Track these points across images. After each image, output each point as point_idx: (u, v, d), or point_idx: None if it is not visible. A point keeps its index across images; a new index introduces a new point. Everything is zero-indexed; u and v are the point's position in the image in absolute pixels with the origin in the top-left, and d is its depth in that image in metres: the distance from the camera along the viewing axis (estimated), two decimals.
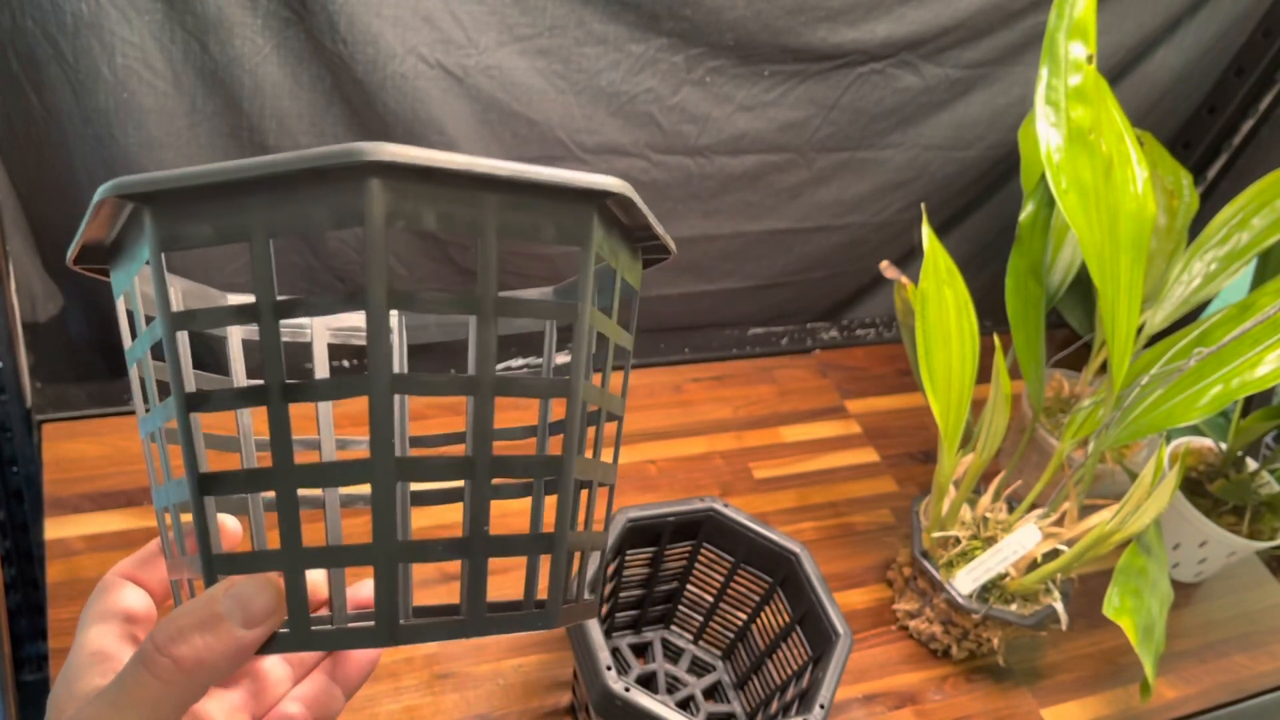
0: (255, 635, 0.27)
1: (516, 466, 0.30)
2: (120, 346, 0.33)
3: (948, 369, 0.71)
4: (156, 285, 0.28)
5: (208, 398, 0.29)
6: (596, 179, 0.28)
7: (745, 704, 0.72)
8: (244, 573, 0.28)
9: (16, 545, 0.87)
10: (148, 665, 0.26)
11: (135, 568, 0.33)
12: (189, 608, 0.27)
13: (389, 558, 0.27)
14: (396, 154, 0.25)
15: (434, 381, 0.28)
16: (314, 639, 0.29)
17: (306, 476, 0.28)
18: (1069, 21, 0.72)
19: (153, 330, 0.29)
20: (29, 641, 0.93)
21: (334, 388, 0.28)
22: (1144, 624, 0.67)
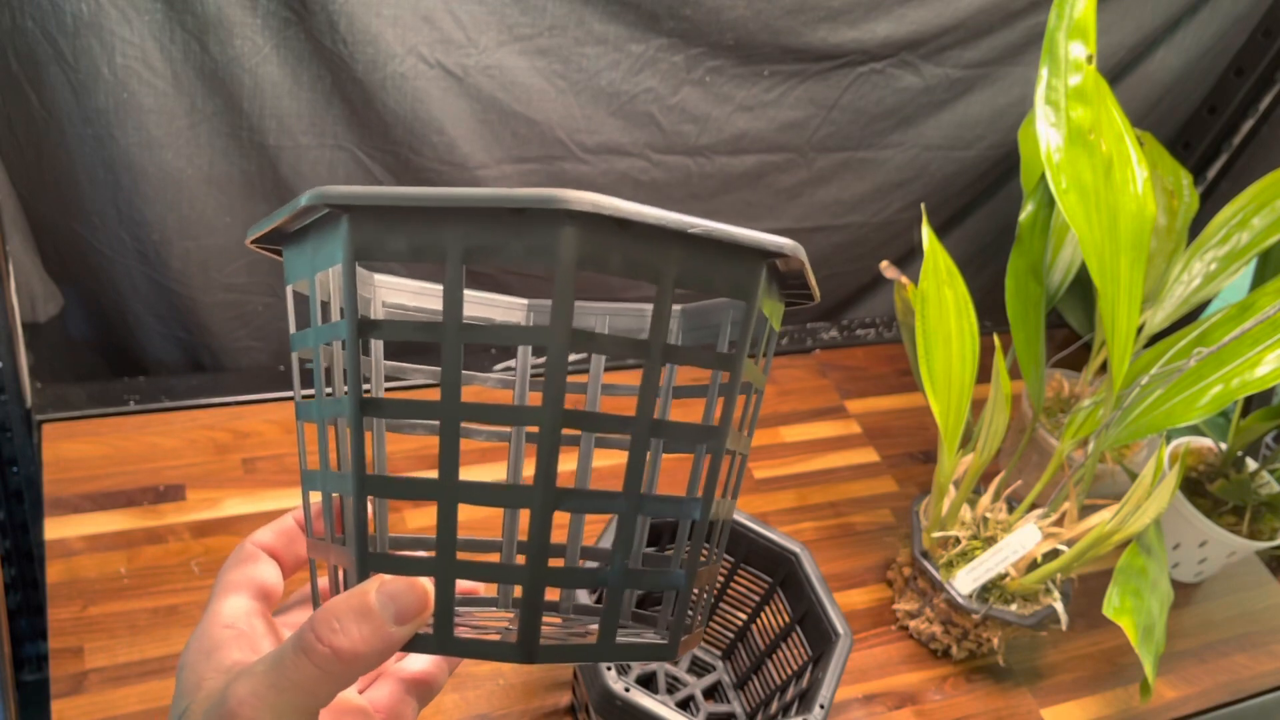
0: (404, 633, 0.28)
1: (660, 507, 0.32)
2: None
3: (948, 369, 0.71)
4: (346, 292, 0.29)
5: (382, 406, 0.30)
6: (773, 240, 0.29)
7: (745, 704, 0.72)
8: (397, 574, 0.29)
9: (16, 545, 0.87)
10: (308, 653, 0.28)
11: (273, 540, 0.35)
12: (345, 601, 0.28)
13: (538, 580, 0.29)
14: (596, 205, 0.26)
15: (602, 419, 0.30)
16: (455, 644, 0.30)
17: (468, 493, 0.29)
18: (1069, 21, 0.72)
19: (335, 329, 0.30)
20: (29, 641, 0.93)
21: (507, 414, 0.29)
22: (1144, 624, 0.67)
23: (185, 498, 0.77)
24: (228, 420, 0.83)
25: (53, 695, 0.63)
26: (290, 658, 0.28)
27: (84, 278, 0.84)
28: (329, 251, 0.30)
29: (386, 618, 0.28)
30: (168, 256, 0.83)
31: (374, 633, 0.28)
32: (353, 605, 0.28)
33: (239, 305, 0.89)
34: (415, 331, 0.29)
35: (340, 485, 0.31)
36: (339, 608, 0.28)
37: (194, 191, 0.80)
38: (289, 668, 0.28)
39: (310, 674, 0.28)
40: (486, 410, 0.29)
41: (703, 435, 0.32)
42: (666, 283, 0.29)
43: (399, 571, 0.29)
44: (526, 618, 0.29)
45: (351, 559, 0.30)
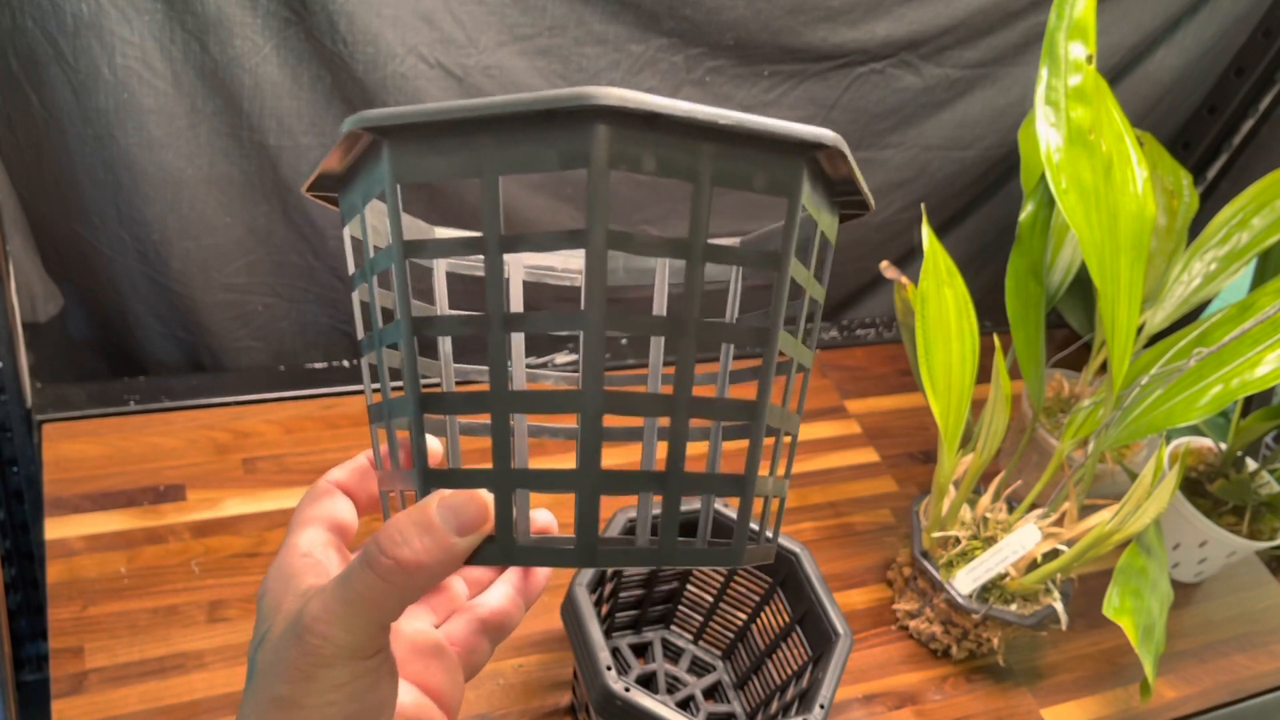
0: (466, 543, 0.29)
1: (714, 408, 0.32)
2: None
3: (948, 369, 0.71)
4: (391, 213, 0.29)
5: (432, 322, 0.30)
6: (810, 130, 0.29)
7: (745, 704, 0.72)
8: (456, 488, 0.30)
9: (16, 545, 0.87)
10: (373, 566, 0.29)
11: (346, 477, 0.36)
12: (407, 515, 0.29)
13: (593, 486, 0.29)
14: (624, 99, 0.26)
15: (642, 321, 0.30)
16: (518, 553, 0.30)
17: (520, 402, 0.29)
18: (1069, 21, 0.72)
19: (384, 256, 0.31)
20: (29, 641, 0.93)
21: (552, 321, 0.29)
22: (1144, 624, 0.67)
23: (185, 498, 0.77)
24: (228, 420, 0.83)
25: (53, 695, 0.63)
26: (357, 572, 0.29)
27: (84, 278, 0.84)
28: (375, 180, 0.30)
29: (448, 529, 0.29)
30: (168, 256, 0.83)
31: (436, 543, 0.29)
32: (414, 518, 0.29)
33: (239, 305, 0.89)
34: (458, 247, 0.29)
35: (401, 409, 0.31)
36: (401, 521, 0.29)
37: (194, 191, 0.80)
38: (356, 581, 0.29)
39: (376, 586, 0.29)
40: (532, 319, 0.29)
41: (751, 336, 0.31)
42: (703, 180, 0.28)
43: (458, 485, 0.30)
44: (584, 521, 0.29)
45: (414, 478, 0.31)
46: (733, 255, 0.30)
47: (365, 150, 0.31)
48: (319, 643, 0.29)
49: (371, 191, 0.31)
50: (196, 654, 0.67)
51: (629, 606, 0.73)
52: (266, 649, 0.31)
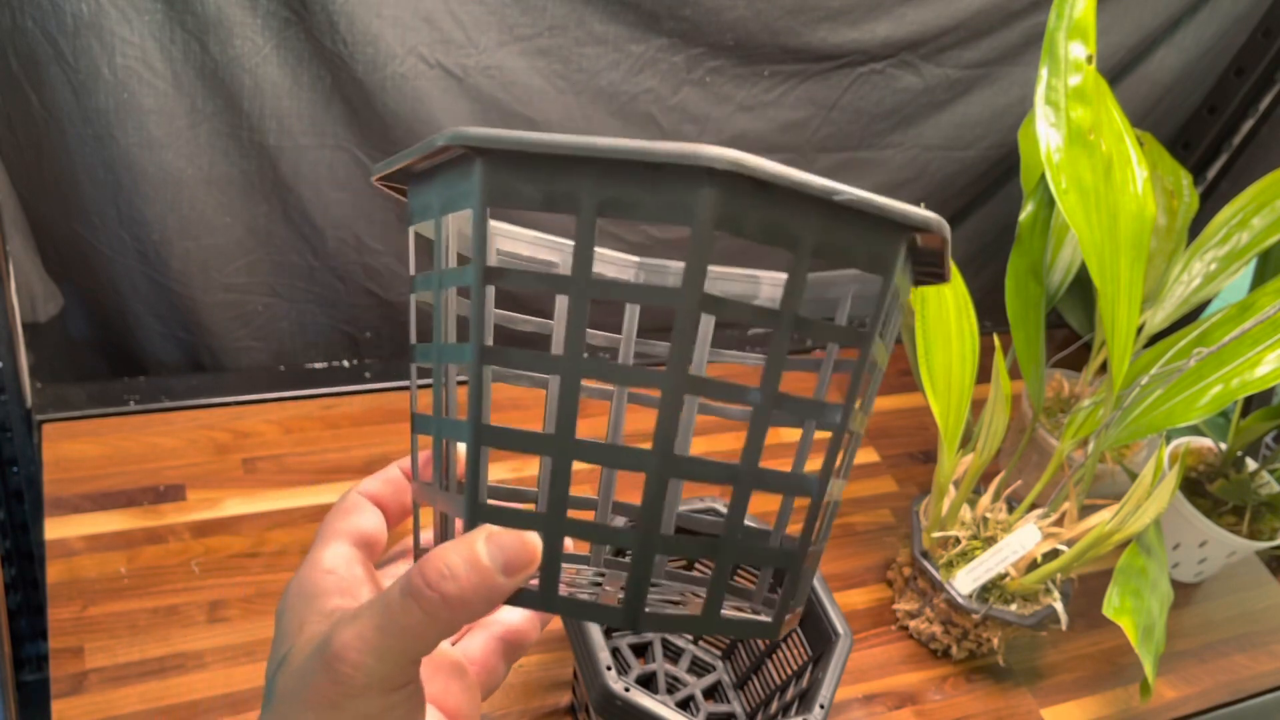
0: (511, 585, 0.28)
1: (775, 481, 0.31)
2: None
3: (948, 369, 0.71)
4: (476, 238, 0.28)
5: (506, 355, 0.29)
6: (920, 214, 0.28)
7: (745, 704, 0.72)
8: (507, 526, 0.29)
9: (16, 545, 0.87)
10: (416, 597, 0.28)
11: (379, 489, 0.35)
12: (454, 549, 0.28)
13: (649, 546, 0.28)
14: (738, 164, 0.25)
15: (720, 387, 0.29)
16: (560, 603, 0.29)
17: (584, 452, 0.28)
18: (1069, 21, 0.72)
19: (462, 274, 0.30)
20: (29, 641, 0.93)
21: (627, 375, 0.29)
22: (1144, 624, 0.67)
23: (185, 498, 0.77)
24: (228, 420, 0.83)
25: (53, 695, 0.63)
26: (398, 602, 0.28)
27: (84, 278, 0.84)
28: (460, 193, 0.29)
29: (495, 568, 0.28)
30: (168, 256, 0.83)
31: (481, 582, 0.28)
32: (462, 554, 0.28)
33: (239, 305, 0.89)
34: (543, 282, 0.28)
35: (455, 432, 0.30)
36: (448, 555, 0.28)
37: (194, 191, 0.80)
38: (396, 612, 0.28)
39: (417, 619, 0.28)
40: (609, 369, 0.28)
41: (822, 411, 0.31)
42: (804, 251, 0.27)
43: (509, 524, 0.29)
44: (634, 584, 0.28)
45: (462, 508, 0.30)
46: (822, 332, 0.29)
47: (454, 160, 0.30)
48: (350, 672, 0.28)
49: (454, 203, 0.30)
50: (196, 654, 0.67)
51: None
52: (289, 673, 0.30)
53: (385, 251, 0.90)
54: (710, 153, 0.25)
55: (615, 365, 0.28)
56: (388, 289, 0.93)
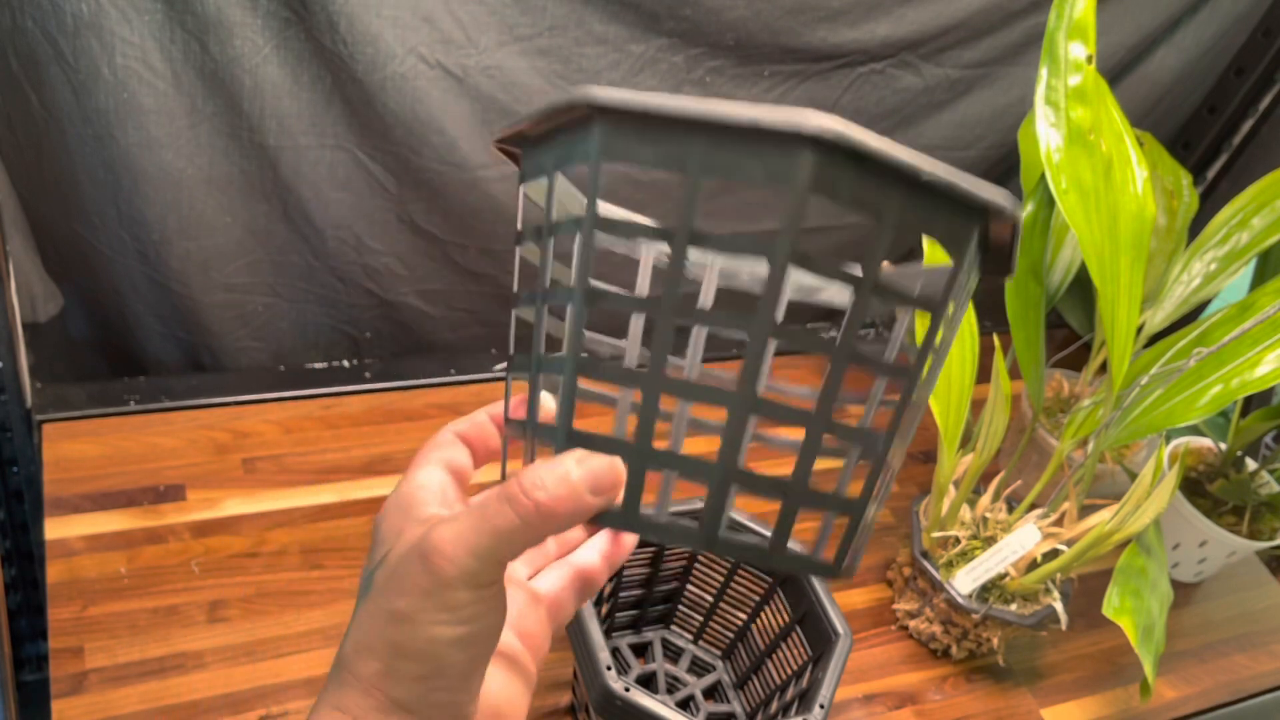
0: (596, 503, 0.31)
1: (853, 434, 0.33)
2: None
3: (947, 369, 0.71)
4: (591, 187, 0.31)
5: (606, 296, 0.32)
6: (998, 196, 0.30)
7: (745, 704, 0.72)
8: (597, 450, 0.32)
9: (16, 545, 0.87)
10: (512, 503, 0.31)
11: (468, 429, 0.38)
12: (548, 465, 0.31)
13: (725, 478, 0.31)
14: (840, 135, 0.27)
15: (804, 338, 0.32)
16: (640, 523, 0.32)
17: (675, 388, 0.31)
18: (1069, 21, 0.72)
19: (573, 224, 0.32)
20: (29, 641, 0.93)
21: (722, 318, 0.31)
22: (1144, 624, 0.67)
23: (185, 498, 0.77)
24: (228, 420, 0.83)
25: (53, 695, 0.63)
26: (495, 505, 0.31)
27: (84, 278, 0.84)
28: (578, 151, 0.31)
29: (584, 486, 0.31)
30: (168, 256, 0.83)
31: (571, 496, 0.31)
32: (555, 470, 0.31)
33: (239, 305, 0.89)
34: (648, 232, 0.31)
35: (555, 366, 0.33)
36: (542, 470, 0.31)
37: (194, 191, 0.80)
38: (493, 514, 0.31)
39: (511, 522, 0.31)
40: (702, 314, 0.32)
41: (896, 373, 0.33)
42: (888, 222, 0.29)
43: (600, 449, 0.32)
44: (712, 509, 0.31)
45: (556, 436, 0.32)
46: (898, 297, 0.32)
47: (573, 122, 0.32)
48: (445, 564, 0.31)
49: (569, 160, 0.32)
50: (196, 654, 0.67)
51: (629, 606, 0.73)
52: (387, 568, 0.32)
53: (385, 251, 0.90)
54: (814, 122, 0.27)
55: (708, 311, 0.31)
56: (388, 289, 0.93)
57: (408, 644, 0.31)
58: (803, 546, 0.38)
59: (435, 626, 0.31)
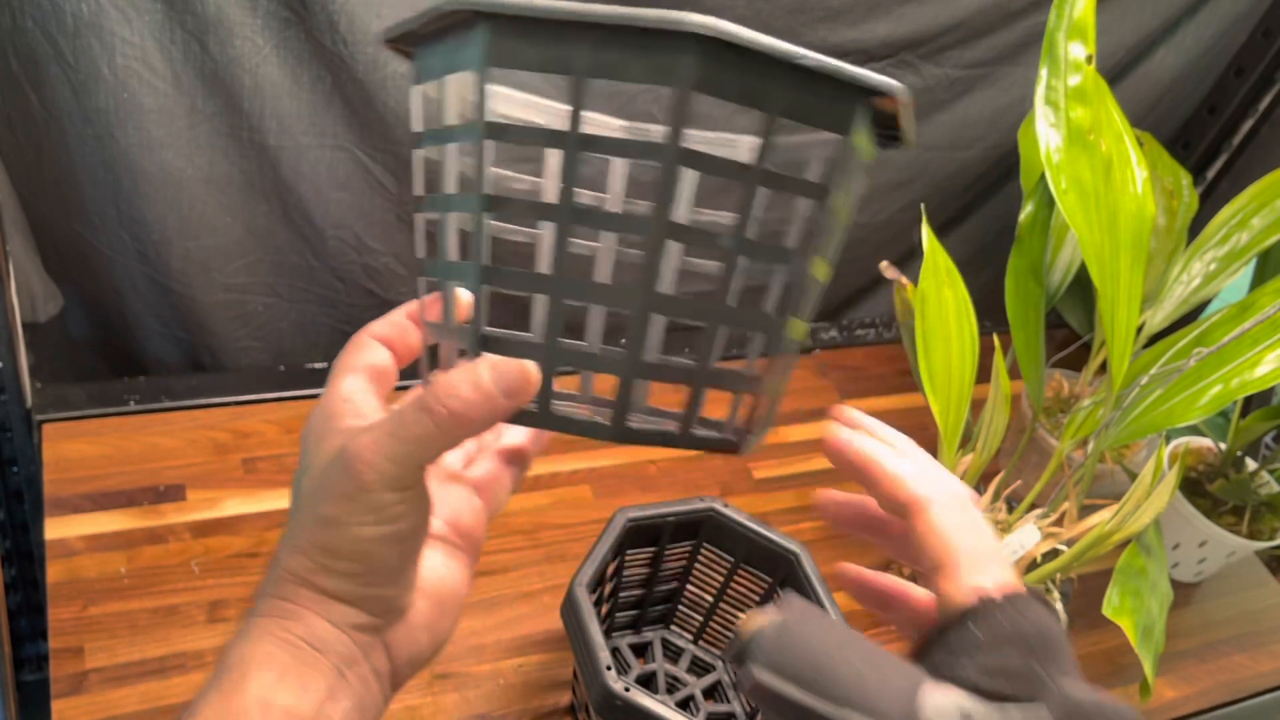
0: (510, 405, 0.32)
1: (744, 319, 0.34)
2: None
3: (947, 369, 0.71)
4: (477, 97, 0.31)
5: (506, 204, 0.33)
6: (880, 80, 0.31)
7: (745, 703, 0.72)
8: (508, 355, 0.33)
9: (16, 545, 0.87)
10: (427, 410, 0.32)
11: (387, 330, 0.39)
12: (462, 373, 0.33)
13: (632, 371, 0.32)
14: (718, 30, 0.28)
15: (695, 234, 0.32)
16: (553, 420, 0.33)
17: (576, 290, 0.32)
18: (1068, 21, 0.72)
19: (468, 131, 0.33)
20: (29, 641, 0.93)
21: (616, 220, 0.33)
22: (1144, 624, 0.67)
23: (185, 498, 0.77)
24: (228, 420, 0.83)
25: (53, 695, 0.63)
26: (411, 414, 0.32)
27: (84, 278, 0.84)
28: (465, 56, 0.32)
29: (497, 391, 0.32)
30: (168, 256, 0.83)
31: (485, 401, 0.32)
32: (469, 377, 0.32)
33: (239, 305, 0.89)
34: (540, 138, 0.32)
35: (460, 274, 0.34)
36: (456, 377, 0.32)
37: (194, 191, 0.80)
38: (409, 422, 0.32)
39: (427, 429, 0.32)
40: (598, 217, 0.32)
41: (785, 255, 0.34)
42: (774, 110, 0.30)
43: (511, 354, 0.33)
44: (620, 403, 0.32)
45: (469, 341, 0.33)
46: (787, 184, 0.33)
47: (459, 24, 0.32)
48: (364, 470, 0.32)
49: (457, 64, 0.32)
50: (196, 654, 0.67)
51: (629, 606, 0.73)
52: (312, 477, 0.34)
53: (385, 251, 0.90)
54: (694, 20, 0.28)
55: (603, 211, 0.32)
56: (388, 289, 0.93)
57: (337, 546, 0.33)
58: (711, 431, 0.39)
59: (361, 528, 0.33)
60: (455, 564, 0.39)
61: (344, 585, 0.34)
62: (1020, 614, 0.34)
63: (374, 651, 0.35)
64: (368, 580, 0.34)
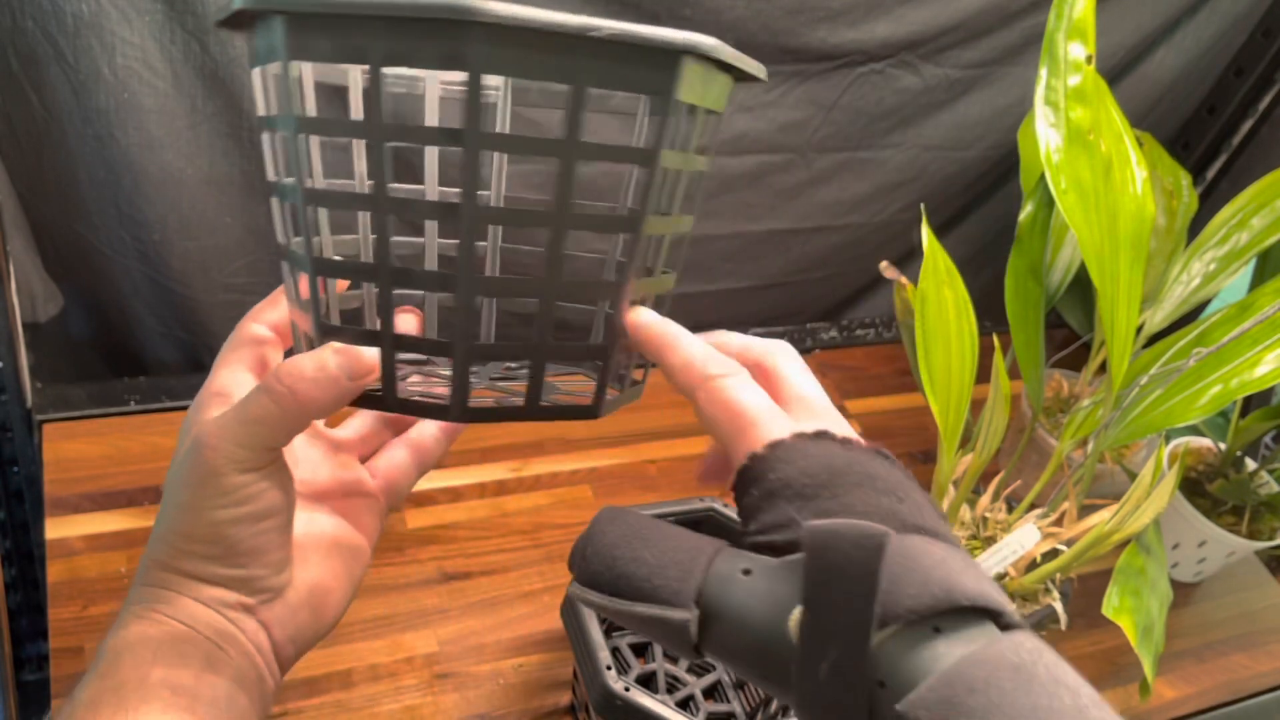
0: (354, 386, 0.34)
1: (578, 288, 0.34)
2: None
3: (947, 369, 0.71)
4: (282, 90, 0.33)
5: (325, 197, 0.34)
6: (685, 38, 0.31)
7: (745, 703, 0.72)
8: (349, 342, 0.34)
9: (17, 545, 0.87)
10: (269, 391, 0.33)
11: (265, 308, 0.40)
12: (307, 356, 0.34)
13: (466, 353, 0.33)
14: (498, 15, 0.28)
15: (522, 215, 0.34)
16: (396, 404, 0.34)
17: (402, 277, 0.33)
18: (1068, 22, 0.72)
19: (284, 123, 0.34)
20: (29, 641, 0.93)
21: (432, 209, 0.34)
22: (1143, 624, 0.67)
23: None
24: None
25: (53, 695, 0.63)
26: (254, 396, 0.34)
27: (84, 278, 0.84)
28: (274, 49, 0.33)
29: (341, 374, 0.34)
30: (168, 256, 0.83)
31: (329, 382, 0.33)
32: (313, 359, 0.34)
33: (239, 305, 0.89)
34: (345, 129, 0.33)
35: (300, 263, 0.35)
36: (302, 359, 0.34)
37: (194, 191, 0.80)
38: (252, 404, 0.34)
39: (270, 410, 0.33)
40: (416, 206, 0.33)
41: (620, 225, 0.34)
42: (579, 86, 0.30)
43: (350, 340, 0.34)
44: (458, 384, 0.33)
45: (314, 327, 0.35)
46: (606, 153, 0.33)
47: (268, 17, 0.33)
48: (211, 454, 0.34)
49: (273, 55, 0.33)
50: None
51: None
52: (174, 464, 0.36)
53: None
54: (472, 5, 0.28)
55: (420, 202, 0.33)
56: None
57: (193, 530, 0.35)
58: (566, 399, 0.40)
59: (213, 511, 0.34)
60: (338, 561, 0.40)
61: (206, 568, 0.35)
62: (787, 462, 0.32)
63: (250, 629, 0.36)
64: (229, 562, 0.35)
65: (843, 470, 0.32)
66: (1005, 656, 0.27)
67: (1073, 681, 0.27)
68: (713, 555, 0.32)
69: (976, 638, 0.28)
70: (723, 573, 0.31)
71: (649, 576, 0.32)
